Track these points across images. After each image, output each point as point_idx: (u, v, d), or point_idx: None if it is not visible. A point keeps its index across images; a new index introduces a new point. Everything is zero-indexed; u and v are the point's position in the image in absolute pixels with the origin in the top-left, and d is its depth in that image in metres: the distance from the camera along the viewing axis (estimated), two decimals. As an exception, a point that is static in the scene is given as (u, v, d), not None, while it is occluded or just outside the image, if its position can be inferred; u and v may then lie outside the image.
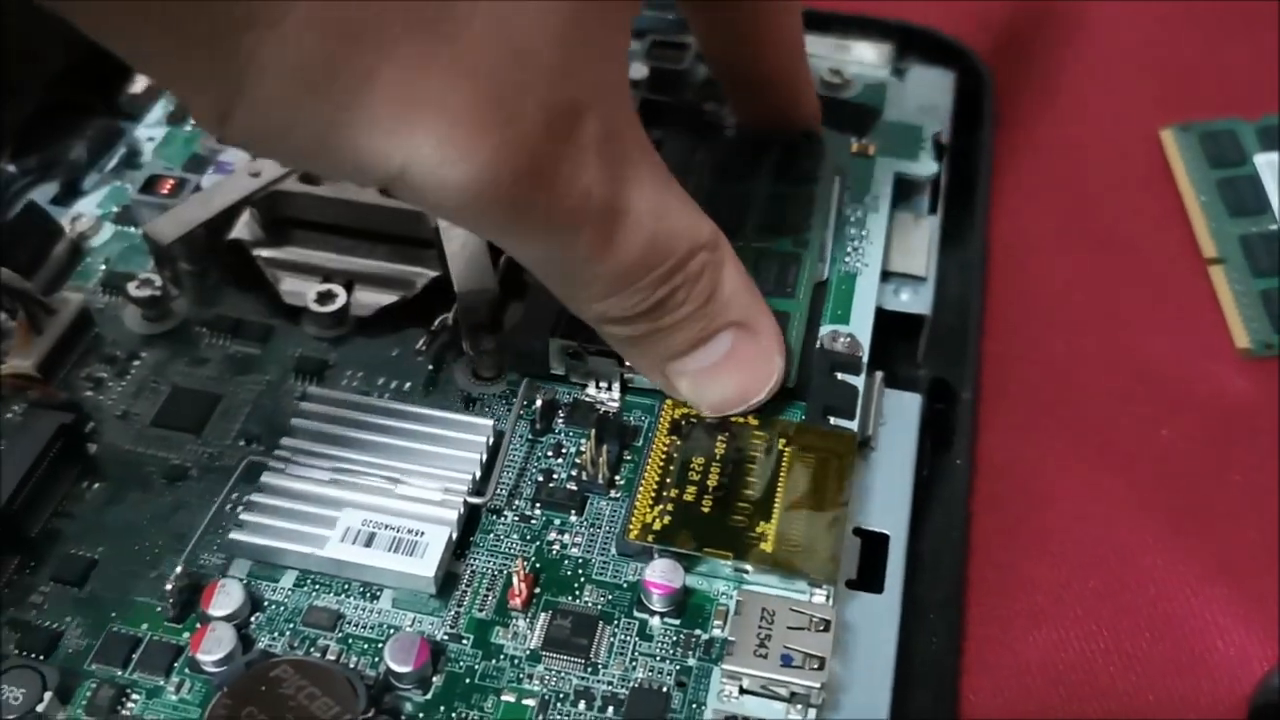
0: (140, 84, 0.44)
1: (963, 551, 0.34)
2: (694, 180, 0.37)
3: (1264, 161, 0.43)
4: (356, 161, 0.24)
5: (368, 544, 0.30)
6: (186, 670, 0.28)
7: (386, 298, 0.36)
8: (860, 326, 0.35)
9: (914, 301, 0.38)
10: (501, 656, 0.29)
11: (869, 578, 0.31)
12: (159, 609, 0.30)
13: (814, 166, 0.37)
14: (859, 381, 0.34)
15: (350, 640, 0.29)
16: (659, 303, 0.29)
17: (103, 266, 0.38)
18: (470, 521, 0.31)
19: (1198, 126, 0.45)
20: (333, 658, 0.29)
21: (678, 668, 0.28)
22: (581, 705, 0.28)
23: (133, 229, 0.38)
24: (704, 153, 0.38)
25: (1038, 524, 0.35)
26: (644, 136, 0.28)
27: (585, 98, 0.25)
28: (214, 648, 0.28)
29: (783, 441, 0.32)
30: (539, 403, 0.33)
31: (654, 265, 0.28)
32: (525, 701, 0.28)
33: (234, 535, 0.30)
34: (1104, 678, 0.32)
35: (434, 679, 0.28)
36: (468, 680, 0.28)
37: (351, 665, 0.29)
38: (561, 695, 0.28)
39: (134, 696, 0.28)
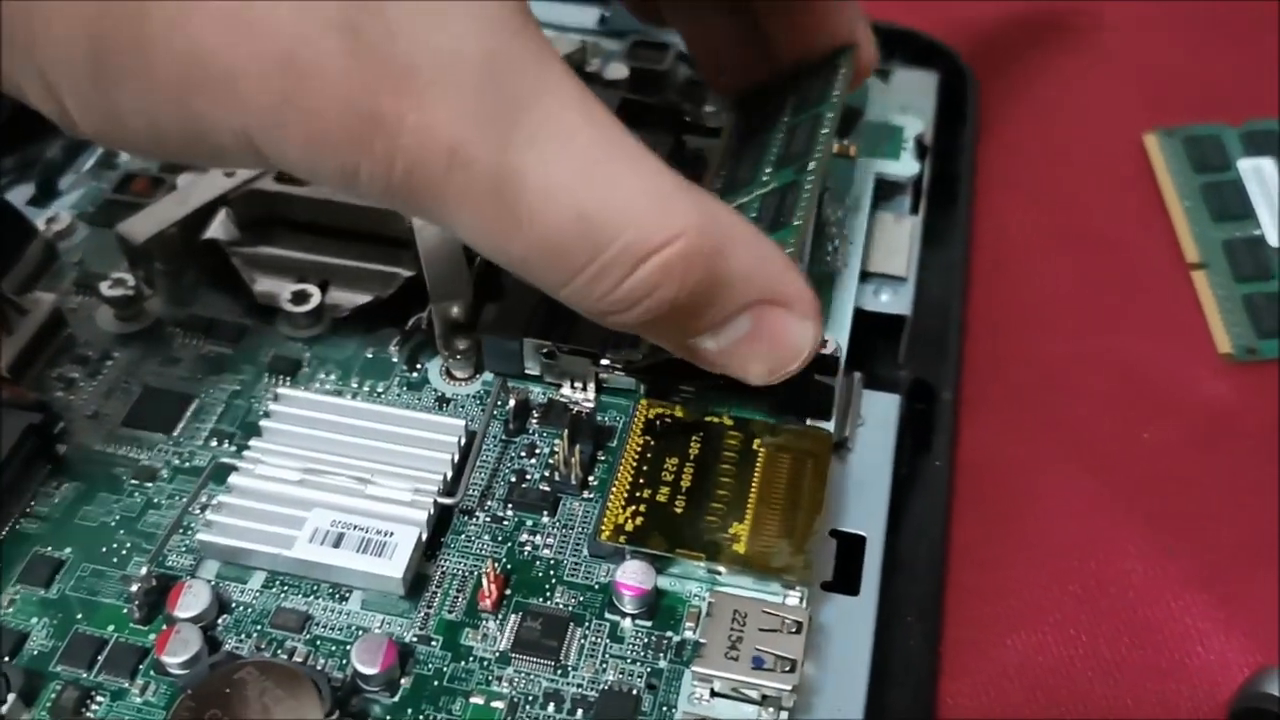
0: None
1: (942, 553, 0.33)
2: (724, 152, 0.36)
3: (1248, 166, 0.43)
4: (204, 144, 0.23)
5: (336, 544, 0.29)
6: (152, 672, 0.28)
7: (361, 297, 0.35)
8: (838, 327, 0.35)
9: (894, 302, 0.38)
10: (471, 658, 0.28)
11: (846, 580, 0.31)
12: (125, 610, 0.29)
13: (826, 86, 0.35)
14: (836, 382, 0.33)
15: (318, 642, 0.29)
16: (638, 298, 0.26)
17: (77, 266, 0.37)
18: (442, 522, 0.31)
19: (1182, 131, 0.45)
20: (300, 660, 0.28)
21: (649, 670, 0.28)
22: (551, 707, 0.28)
23: (108, 229, 0.38)
24: (732, 124, 0.37)
25: (1019, 526, 0.35)
26: (562, 82, 0.24)
27: (405, 33, 0.23)
28: (179, 650, 0.28)
29: (758, 442, 0.31)
30: (512, 403, 0.33)
31: (599, 246, 0.24)
32: (494, 704, 0.28)
33: (201, 536, 0.30)
34: (1082, 682, 0.31)
35: (402, 681, 0.28)
36: (436, 682, 0.28)
37: (319, 667, 0.28)
38: (530, 697, 0.28)
39: (99, 699, 0.28)
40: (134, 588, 0.29)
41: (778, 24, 0.35)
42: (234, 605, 0.29)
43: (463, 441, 0.32)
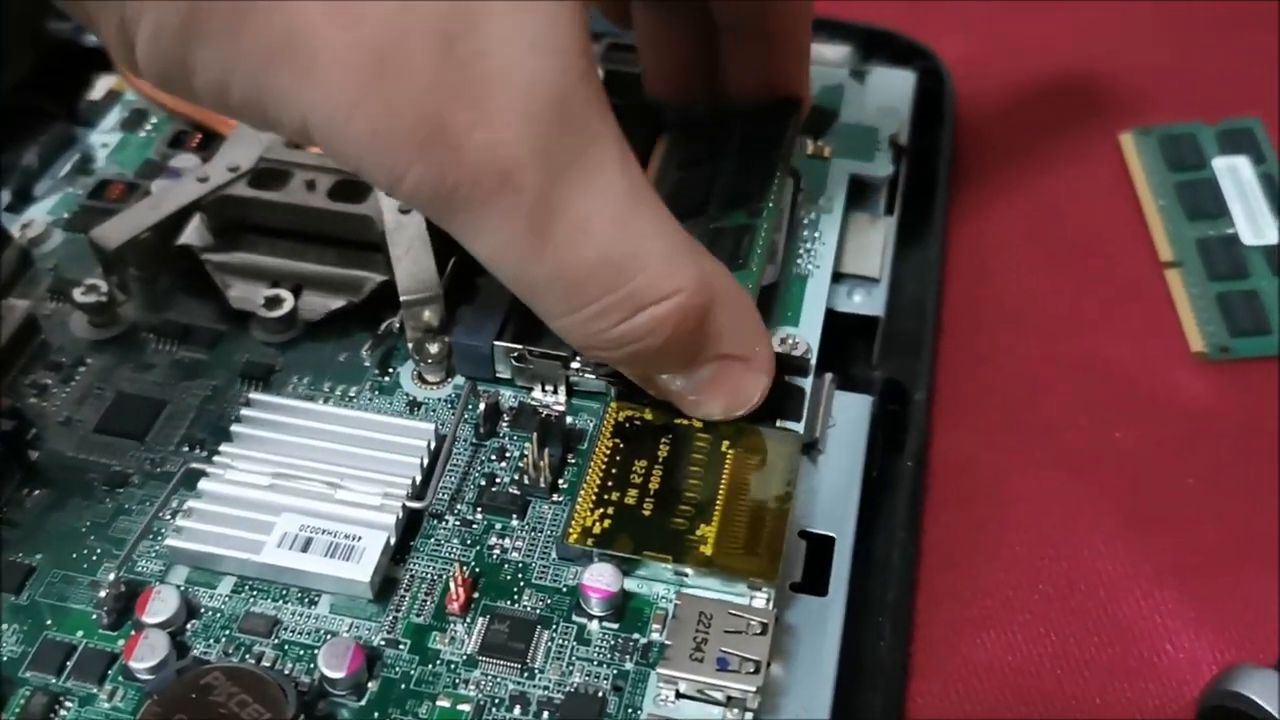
0: (100, 90, 0.44)
1: (913, 553, 0.33)
2: (659, 171, 0.37)
3: (1223, 165, 0.43)
4: (262, 111, 0.24)
5: (304, 549, 0.29)
6: (120, 678, 0.28)
7: (334, 302, 0.35)
8: (809, 329, 0.35)
9: (867, 303, 0.38)
10: (438, 661, 0.29)
11: (815, 580, 0.31)
12: (95, 616, 0.29)
13: (777, 133, 0.36)
14: (807, 384, 0.33)
15: (286, 646, 0.29)
16: (627, 341, 0.28)
17: (51, 273, 0.37)
18: (411, 526, 0.31)
19: (1158, 130, 0.45)
20: (268, 664, 0.28)
21: (615, 672, 0.28)
22: (517, 710, 0.28)
23: (83, 235, 0.38)
24: (668, 143, 0.38)
25: (991, 526, 0.35)
26: (611, 130, 0.26)
27: (495, 54, 0.23)
28: (146, 655, 0.28)
29: (726, 444, 0.31)
30: (483, 406, 0.33)
31: (609, 287, 0.26)
32: (460, 707, 0.28)
33: (170, 541, 0.30)
34: (1051, 681, 0.32)
35: (369, 684, 0.28)
36: (403, 686, 0.28)
37: (287, 671, 0.28)
38: (497, 700, 0.28)
39: (67, 704, 0.28)
40: (103, 594, 0.29)
41: (740, 61, 0.36)
42: (203, 610, 0.29)
43: (432, 445, 0.32)
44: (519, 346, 0.33)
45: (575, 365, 0.33)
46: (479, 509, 0.31)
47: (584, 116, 0.25)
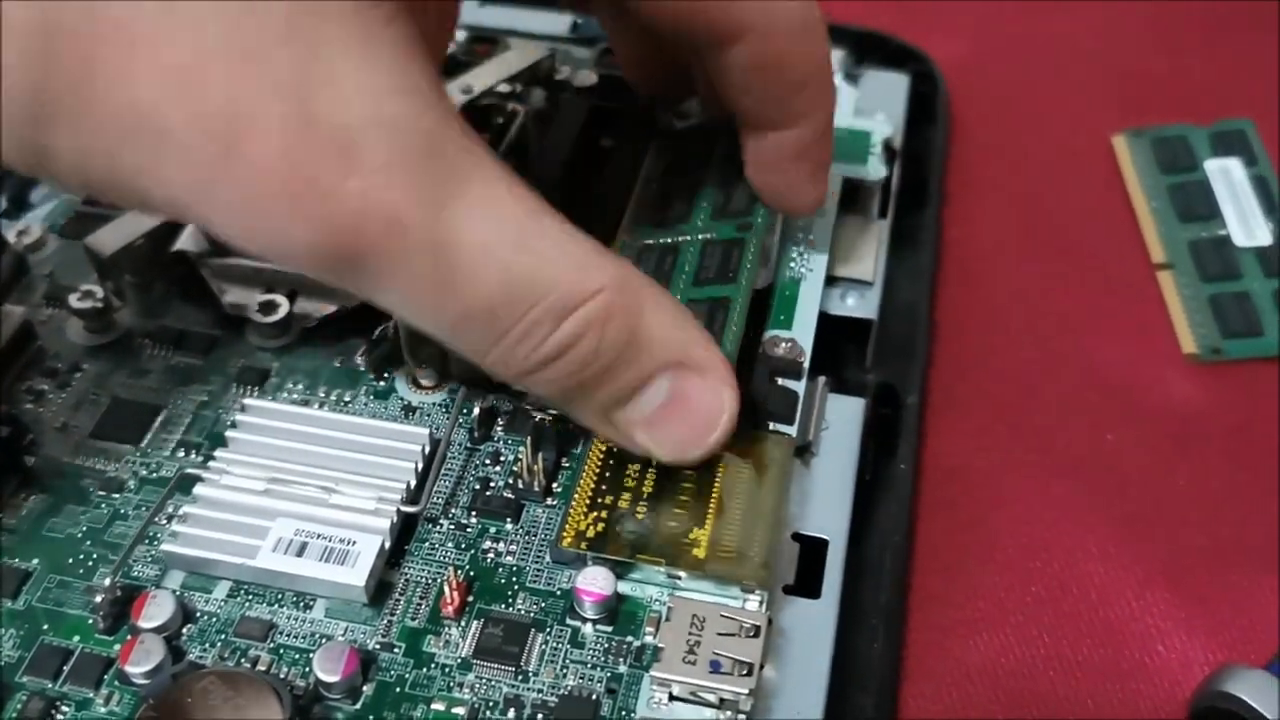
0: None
1: (906, 556, 0.34)
2: (646, 181, 0.37)
3: (1215, 167, 0.43)
4: (129, 191, 0.23)
5: (299, 554, 0.30)
6: (116, 682, 0.28)
7: (329, 307, 0.35)
8: (802, 332, 0.35)
9: (860, 306, 0.38)
10: (433, 665, 0.29)
11: (808, 583, 0.31)
12: (91, 621, 0.29)
13: None
14: (799, 387, 0.34)
15: (282, 650, 0.29)
16: (560, 353, 0.26)
17: (47, 279, 0.38)
18: (406, 530, 0.31)
19: (1150, 132, 0.45)
20: (264, 668, 0.29)
21: (608, 675, 0.28)
22: (511, 713, 0.28)
23: (79, 241, 0.38)
24: (655, 154, 0.38)
25: (984, 529, 0.35)
26: (488, 160, 0.25)
27: (352, 104, 0.23)
28: (142, 659, 0.28)
29: (719, 448, 0.31)
30: (477, 411, 0.33)
31: (525, 306, 0.26)
32: (455, 710, 0.28)
33: (166, 546, 0.30)
34: (1044, 683, 0.32)
35: (364, 688, 0.28)
36: (398, 689, 0.28)
37: (283, 676, 0.28)
38: (491, 703, 0.28)
39: (63, 709, 0.28)
40: (98, 598, 0.29)
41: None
42: (199, 615, 0.30)
43: (427, 450, 0.32)
44: (513, 351, 0.33)
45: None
46: (473, 513, 0.32)
47: (457, 151, 0.25)
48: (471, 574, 0.30)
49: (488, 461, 0.33)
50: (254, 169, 0.23)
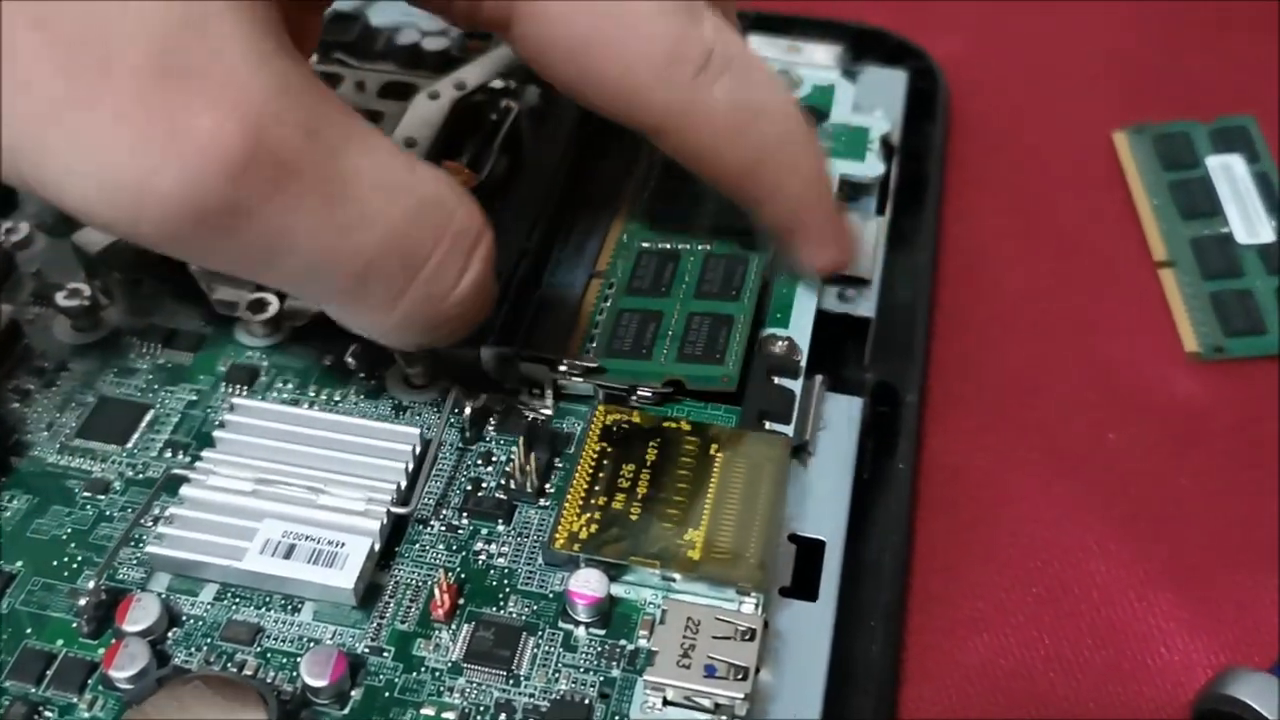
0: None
1: (904, 557, 0.33)
2: (643, 179, 0.37)
3: (1217, 164, 0.43)
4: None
5: (287, 556, 0.29)
6: (100, 687, 0.28)
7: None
8: (799, 330, 0.34)
9: (858, 304, 0.37)
10: (423, 669, 0.28)
11: (804, 585, 0.31)
12: (75, 625, 0.29)
13: None
14: (796, 386, 0.33)
15: (269, 654, 0.28)
16: (473, 295, 0.27)
17: (34, 277, 0.37)
18: (396, 532, 0.31)
19: (1151, 128, 0.44)
20: (250, 673, 0.28)
21: (601, 679, 0.28)
22: (502, 718, 0.27)
23: (66, 239, 0.38)
24: (651, 151, 0.37)
25: (984, 529, 0.34)
26: (361, 117, 0.25)
27: (225, 58, 0.22)
28: (126, 664, 0.27)
29: (714, 447, 0.31)
30: (469, 410, 0.32)
31: (437, 229, 0.26)
32: (445, 715, 0.27)
33: (150, 549, 0.29)
34: (1044, 685, 0.31)
35: (352, 693, 0.28)
36: (387, 694, 0.28)
37: (270, 680, 0.28)
38: (482, 708, 0.27)
39: (46, 714, 0.28)
40: (82, 601, 0.28)
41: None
42: (185, 618, 0.29)
43: (417, 450, 0.31)
44: (507, 350, 0.33)
45: (563, 368, 0.33)
46: (465, 514, 0.31)
47: (337, 106, 0.25)
48: (462, 576, 0.30)
49: (479, 462, 0.32)
50: (110, 111, 0.22)
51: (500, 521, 0.31)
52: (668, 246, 0.35)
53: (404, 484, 0.31)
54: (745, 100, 0.29)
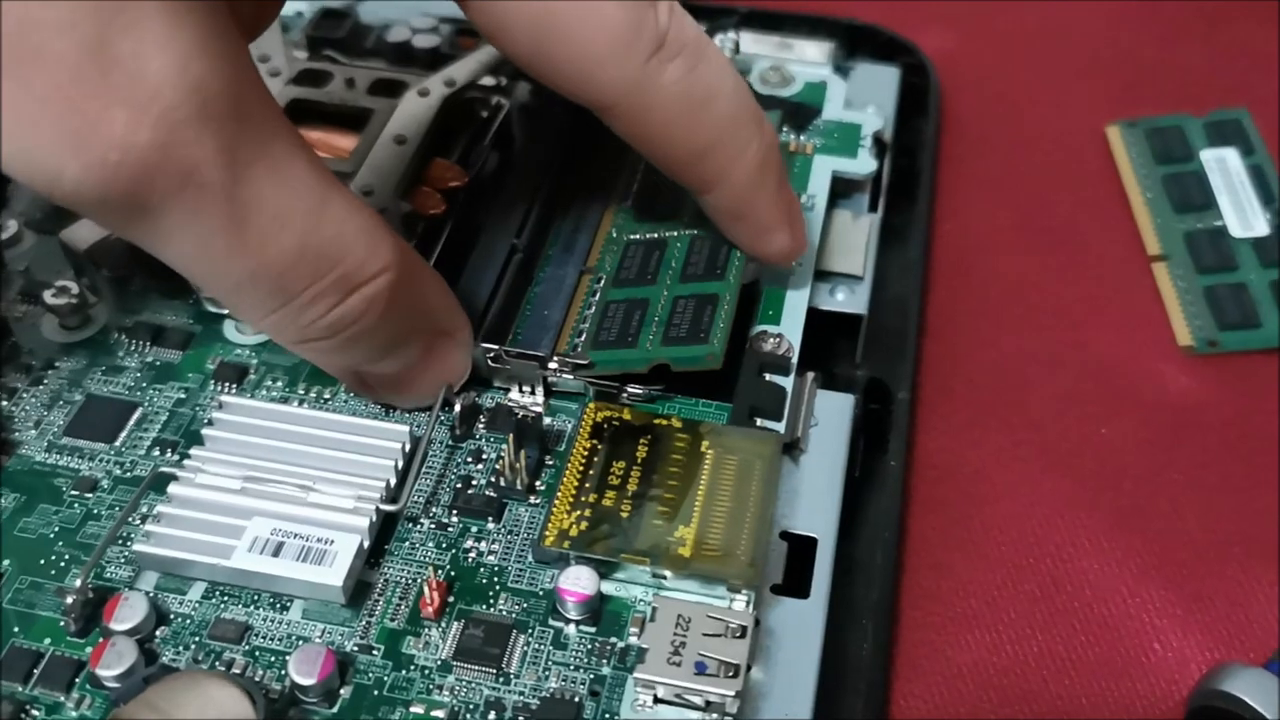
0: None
1: (896, 554, 0.33)
2: (632, 174, 0.37)
3: (1210, 157, 0.43)
4: None
5: (275, 553, 0.29)
6: (87, 686, 0.28)
7: (309, 303, 0.35)
8: (791, 327, 0.34)
9: (850, 301, 0.37)
10: (412, 667, 0.28)
11: (796, 582, 0.30)
12: (62, 623, 0.29)
13: None
14: (788, 382, 0.33)
15: (257, 653, 0.28)
16: (341, 327, 0.28)
17: (23, 275, 0.37)
18: (386, 529, 0.30)
19: (1145, 122, 0.44)
20: (238, 671, 0.28)
21: (591, 676, 0.28)
22: (492, 716, 0.27)
23: (54, 236, 0.38)
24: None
25: (976, 525, 0.34)
26: (288, 129, 0.26)
27: (154, 58, 0.22)
28: (114, 663, 0.27)
29: (705, 444, 0.31)
30: (459, 408, 0.32)
31: (316, 275, 0.26)
32: (434, 713, 0.27)
33: (138, 547, 0.29)
34: (1037, 681, 0.31)
35: (341, 691, 0.28)
36: (376, 692, 0.28)
37: (258, 678, 0.28)
38: (472, 706, 0.27)
39: (34, 712, 0.27)
40: (70, 600, 0.28)
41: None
42: (173, 617, 0.29)
43: (407, 447, 0.31)
44: (496, 347, 0.32)
45: (553, 365, 0.32)
46: (454, 512, 0.31)
47: (261, 116, 0.25)
48: (452, 574, 0.30)
49: (469, 459, 0.32)
50: (31, 90, 0.22)
51: (490, 519, 0.31)
52: (655, 236, 0.35)
53: (393, 481, 0.30)
54: (697, 84, 0.29)
